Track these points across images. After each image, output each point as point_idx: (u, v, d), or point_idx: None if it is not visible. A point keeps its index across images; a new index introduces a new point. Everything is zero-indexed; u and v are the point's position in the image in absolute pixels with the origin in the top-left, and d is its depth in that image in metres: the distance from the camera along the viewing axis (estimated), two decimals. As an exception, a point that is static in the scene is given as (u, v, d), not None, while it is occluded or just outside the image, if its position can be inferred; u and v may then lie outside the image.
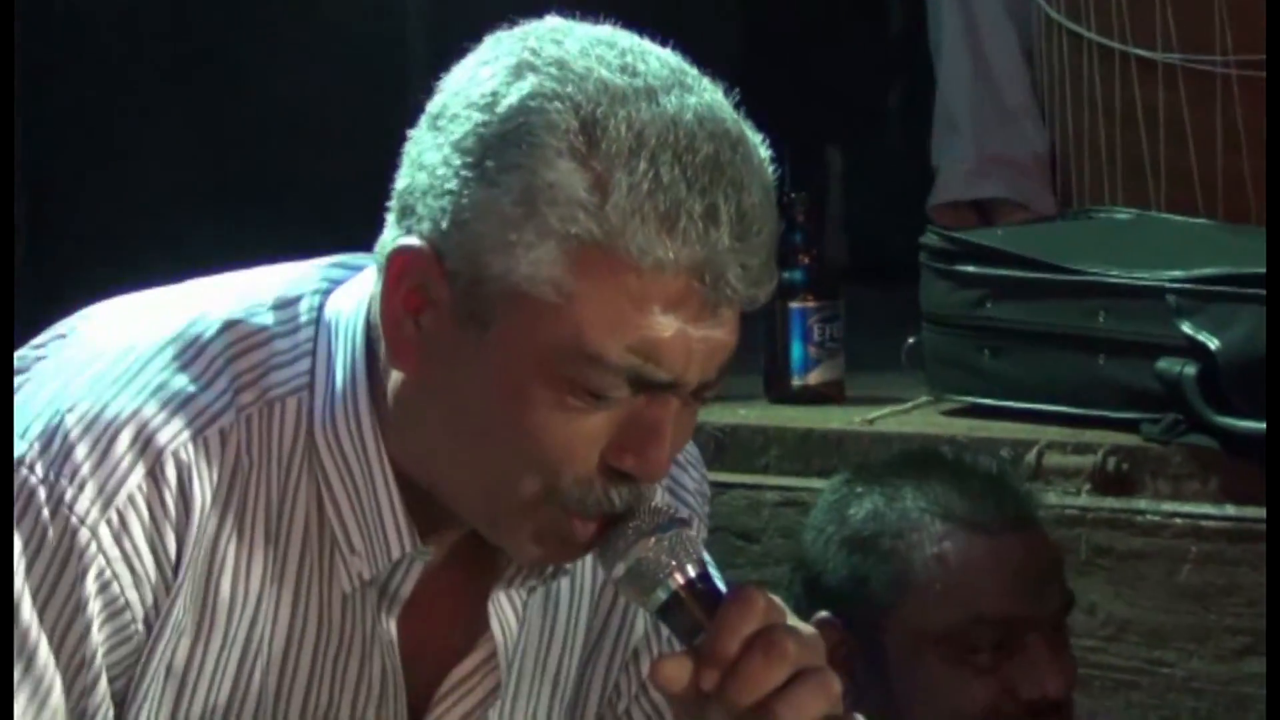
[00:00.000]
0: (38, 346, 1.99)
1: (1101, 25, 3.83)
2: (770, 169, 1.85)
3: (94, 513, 1.85)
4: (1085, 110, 3.90)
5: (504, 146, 1.80)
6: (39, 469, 1.86)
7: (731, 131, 1.82)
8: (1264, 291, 3.16)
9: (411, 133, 1.90)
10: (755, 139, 1.85)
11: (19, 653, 1.86)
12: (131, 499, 1.86)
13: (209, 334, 1.92)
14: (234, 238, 3.69)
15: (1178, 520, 3.11)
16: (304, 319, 1.93)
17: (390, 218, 1.89)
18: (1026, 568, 2.59)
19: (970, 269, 3.37)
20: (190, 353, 1.91)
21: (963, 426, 3.33)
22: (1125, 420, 3.24)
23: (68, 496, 1.85)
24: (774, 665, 1.79)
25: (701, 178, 1.78)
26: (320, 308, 1.94)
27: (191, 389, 1.89)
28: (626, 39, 1.87)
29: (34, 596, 1.86)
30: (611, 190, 1.76)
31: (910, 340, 3.43)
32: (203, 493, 1.89)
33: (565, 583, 2.04)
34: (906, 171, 4.19)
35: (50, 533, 1.86)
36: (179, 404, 1.88)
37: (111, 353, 1.92)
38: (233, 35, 4.67)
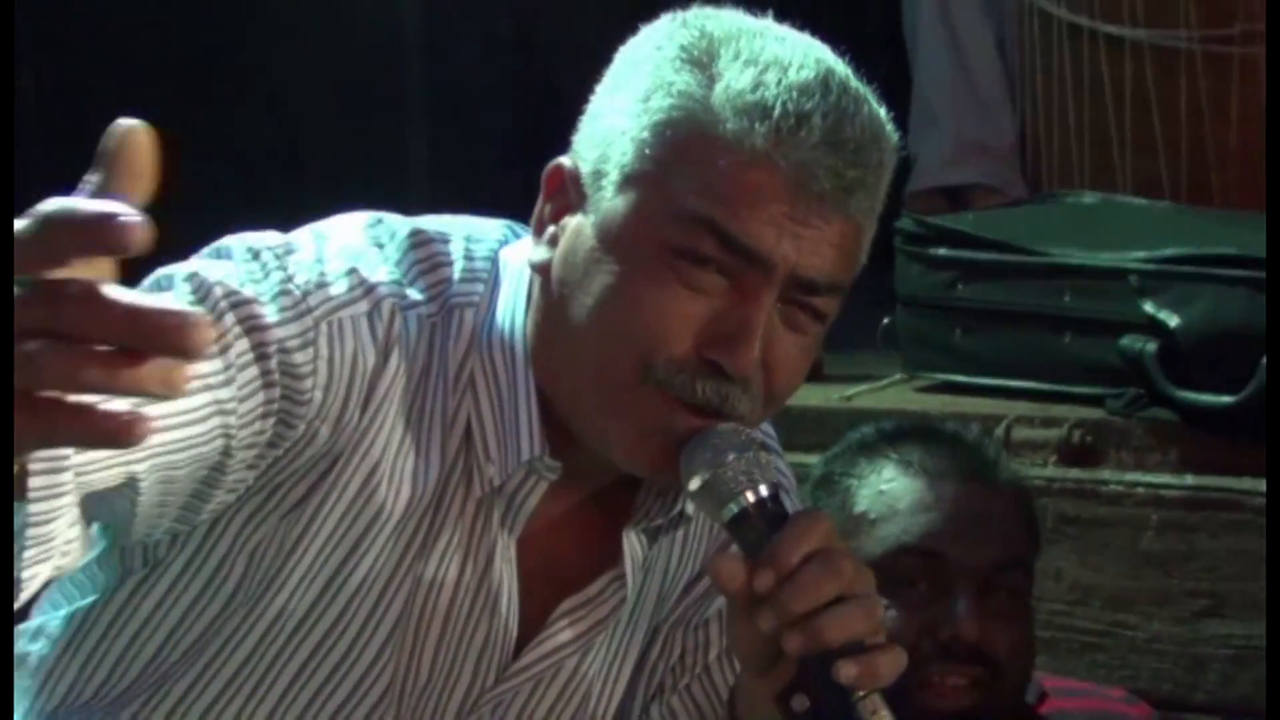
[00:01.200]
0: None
1: (1072, 4, 3.88)
2: (889, 128, 1.91)
3: (321, 310, 1.89)
4: (1055, 88, 3.95)
5: (638, 64, 1.91)
6: (271, 247, 1.91)
7: (845, 79, 1.90)
8: (1222, 271, 3.21)
9: None
10: (874, 100, 1.91)
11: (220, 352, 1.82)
12: (354, 320, 1.91)
13: (422, 244, 1.99)
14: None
15: (1139, 490, 3.17)
16: (484, 255, 2.01)
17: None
18: (961, 512, 2.58)
19: (943, 252, 3.43)
20: (402, 250, 1.99)
21: (935, 403, 3.38)
22: (1090, 395, 3.30)
23: (304, 291, 1.88)
24: (828, 580, 1.81)
25: (803, 93, 1.85)
26: (497, 252, 2.02)
27: (397, 270, 1.96)
28: (764, 20, 1.97)
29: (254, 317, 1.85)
30: (717, 85, 1.86)
31: (885, 321, 3.50)
32: (399, 357, 1.94)
33: (676, 551, 2.07)
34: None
35: (290, 309, 1.88)
36: (393, 279, 1.95)
37: (328, 233, 1.99)
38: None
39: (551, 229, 1.93)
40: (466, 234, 2.04)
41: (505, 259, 2.02)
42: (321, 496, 1.93)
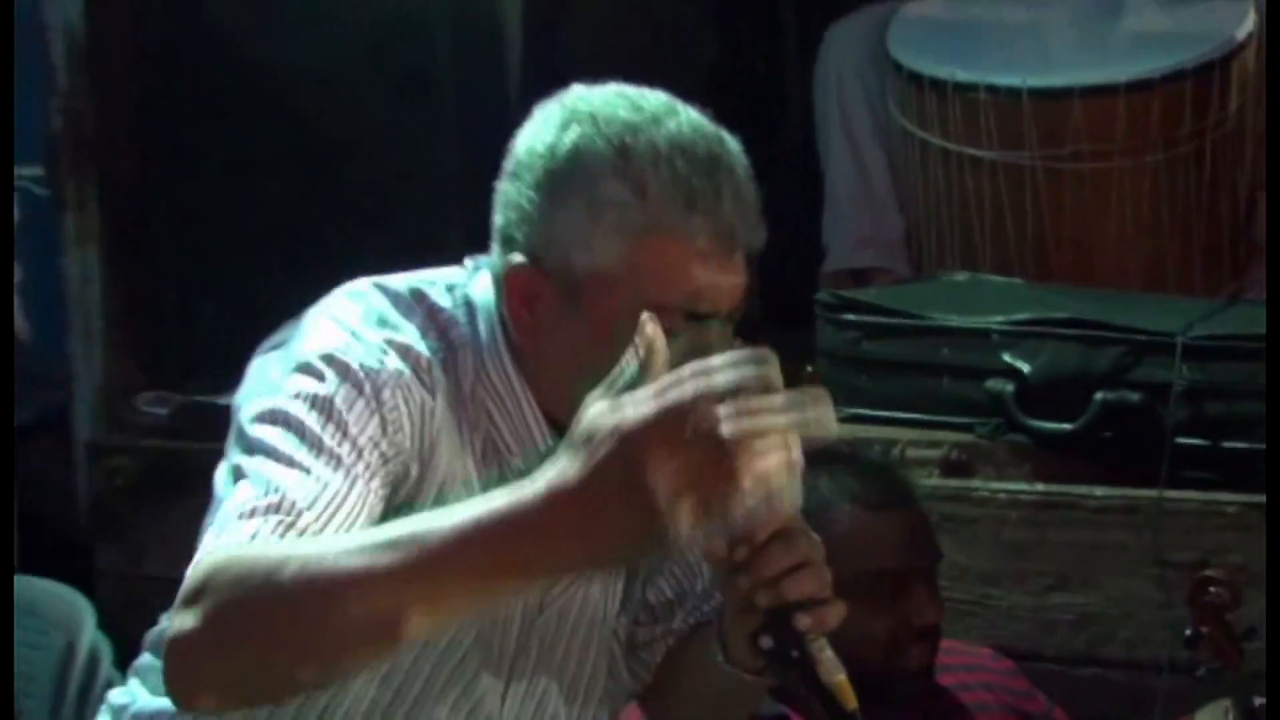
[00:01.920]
0: (277, 344, 2.00)
1: (941, 132, 3.86)
2: (743, 155, 1.91)
3: (391, 386, 1.89)
4: (931, 195, 3.93)
5: (567, 179, 1.89)
6: (349, 355, 1.89)
7: (716, 133, 1.91)
8: (1061, 330, 3.24)
9: (498, 184, 1.96)
10: (730, 137, 1.91)
11: (357, 454, 1.85)
12: (410, 382, 1.91)
13: (422, 301, 1.97)
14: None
15: (1001, 495, 3.19)
16: (461, 299, 1.99)
17: (495, 248, 1.97)
18: (910, 532, 2.62)
19: (851, 317, 3.44)
20: (410, 310, 1.97)
21: (848, 430, 3.28)
22: (963, 424, 3.32)
23: (374, 369, 1.88)
24: (789, 552, 1.81)
25: (705, 167, 1.86)
26: (468, 292, 1.99)
27: (416, 331, 1.95)
28: (628, 88, 1.94)
29: (348, 424, 1.85)
30: (648, 190, 1.85)
31: (809, 368, 3.48)
32: (440, 396, 1.94)
33: None
34: (805, 248, 4.15)
35: (366, 387, 1.88)
36: (417, 339, 1.94)
37: (359, 313, 1.95)
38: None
39: (527, 316, 1.93)
40: (448, 283, 2.02)
41: (473, 296, 2.00)
42: (415, 507, 1.90)
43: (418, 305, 1.98)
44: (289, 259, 3.96)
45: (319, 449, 1.85)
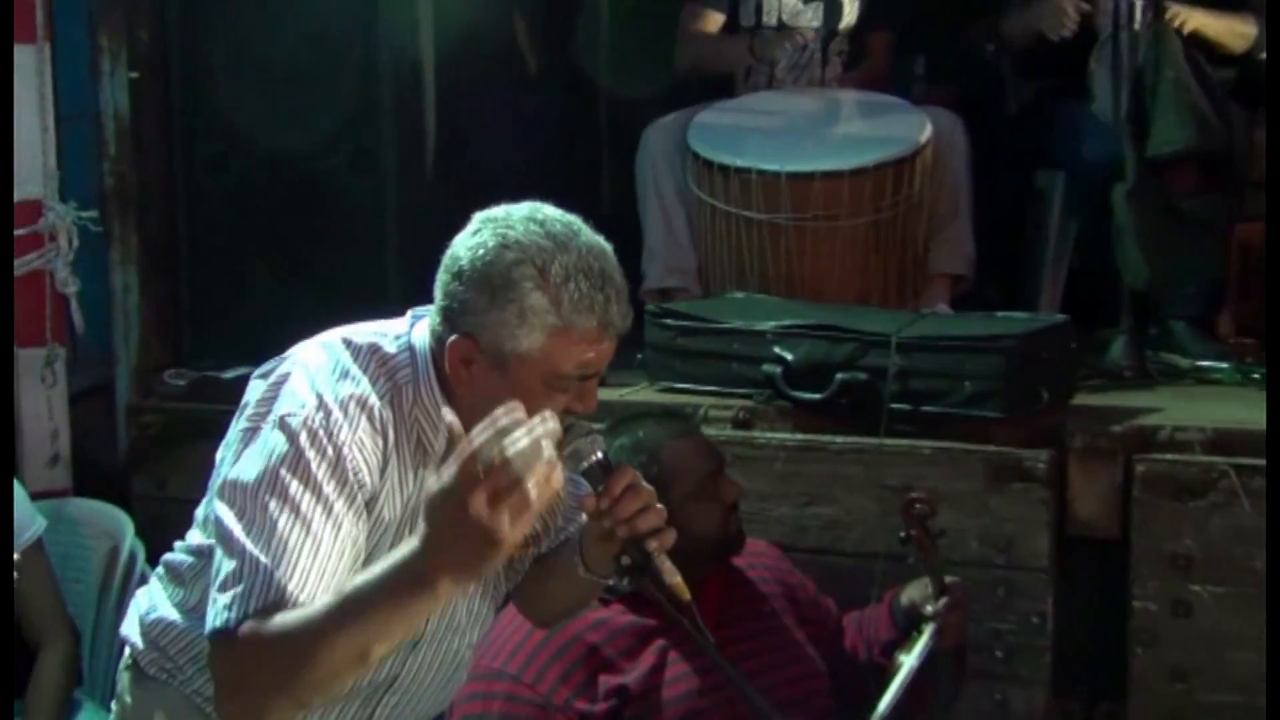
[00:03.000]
0: (265, 373, 1.97)
1: (725, 200, 3.85)
2: (615, 261, 1.91)
3: (352, 437, 1.88)
4: (717, 243, 3.93)
5: (503, 290, 1.87)
6: (316, 423, 1.86)
7: (603, 250, 1.91)
8: (813, 331, 3.22)
9: (440, 273, 1.93)
10: (608, 246, 1.91)
11: (325, 510, 1.82)
12: (368, 429, 1.90)
13: (376, 353, 1.96)
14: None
15: (773, 441, 3.18)
16: (403, 345, 1.97)
17: (437, 317, 1.93)
18: (706, 446, 2.67)
19: (669, 321, 3.45)
20: (367, 363, 1.95)
21: (666, 398, 3.39)
22: (746, 394, 3.32)
23: (334, 433, 1.87)
24: (636, 499, 1.90)
25: (597, 281, 1.88)
26: (409, 340, 1.98)
27: (368, 382, 1.93)
28: (540, 211, 1.91)
29: (321, 484, 1.84)
30: (562, 301, 1.86)
31: (639, 355, 3.50)
32: (391, 430, 1.92)
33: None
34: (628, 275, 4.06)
35: (329, 451, 1.86)
36: (369, 389, 1.92)
37: (328, 367, 1.93)
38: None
39: (463, 371, 1.89)
40: (395, 335, 1.97)
41: (414, 342, 1.96)
42: (375, 521, 1.92)
43: (372, 357, 1.96)
44: (274, 280, 3.94)
45: (310, 506, 1.83)
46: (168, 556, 2.09)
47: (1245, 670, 2.91)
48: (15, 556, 2.95)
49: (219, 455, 1.97)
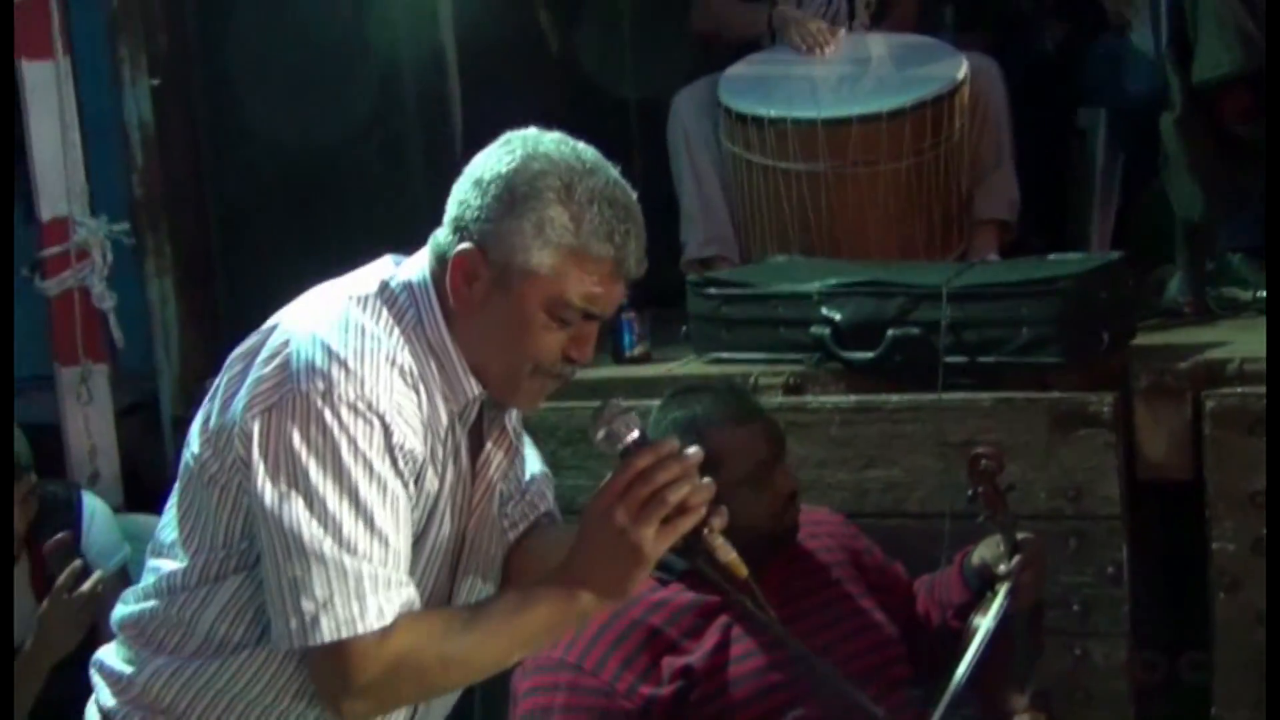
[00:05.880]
0: (250, 352, 1.83)
1: (761, 152, 3.75)
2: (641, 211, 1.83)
3: (385, 404, 1.76)
4: (756, 201, 3.84)
5: (525, 199, 1.78)
6: (351, 394, 1.74)
7: (629, 191, 1.83)
8: (859, 289, 3.13)
9: (459, 183, 1.83)
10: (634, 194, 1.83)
11: (381, 489, 1.74)
12: (399, 400, 1.78)
13: (381, 298, 1.83)
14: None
15: (827, 405, 3.11)
16: (401, 285, 1.84)
17: (447, 229, 1.83)
18: (766, 433, 2.54)
19: (713, 290, 3.36)
20: (378, 312, 1.82)
21: (717, 370, 3.32)
22: (796, 359, 3.23)
23: (375, 403, 1.75)
24: (672, 468, 1.74)
25: (620, 214, 1.79)
26: (402, 278, 1.85)
27: (385, 333, 1.81)
28: (572, 139, 1.84)
29: (372, 460, 1.74)
30: (583, 221, 1.77)
31: (684, 328, 3.45)
32: (419, 391, 1.80)
33: (498, 423, 1.95)
34: (671, 251, 3.96)
35: (376, 424, 1.74)
36: (390, 342, 1.80)
37: (338, 325, 1.79)
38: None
39: (465, 289, 1.81)
40: (389, 276, 1.86)
41: (410, 279, 1.85)
42: (421, 495, 1.84)
43: (380, 304, 1.83)
44: (311, 279, 3.80)
45: (371, 494, 1.75)
46: (121, 615, 1.93)
47: (1334, 608, 2.78)
48: (98, 586, 2.90)
49: (195, 451, 1.84)
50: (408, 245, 1.90)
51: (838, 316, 3.17)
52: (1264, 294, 3.51)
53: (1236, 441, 2.85)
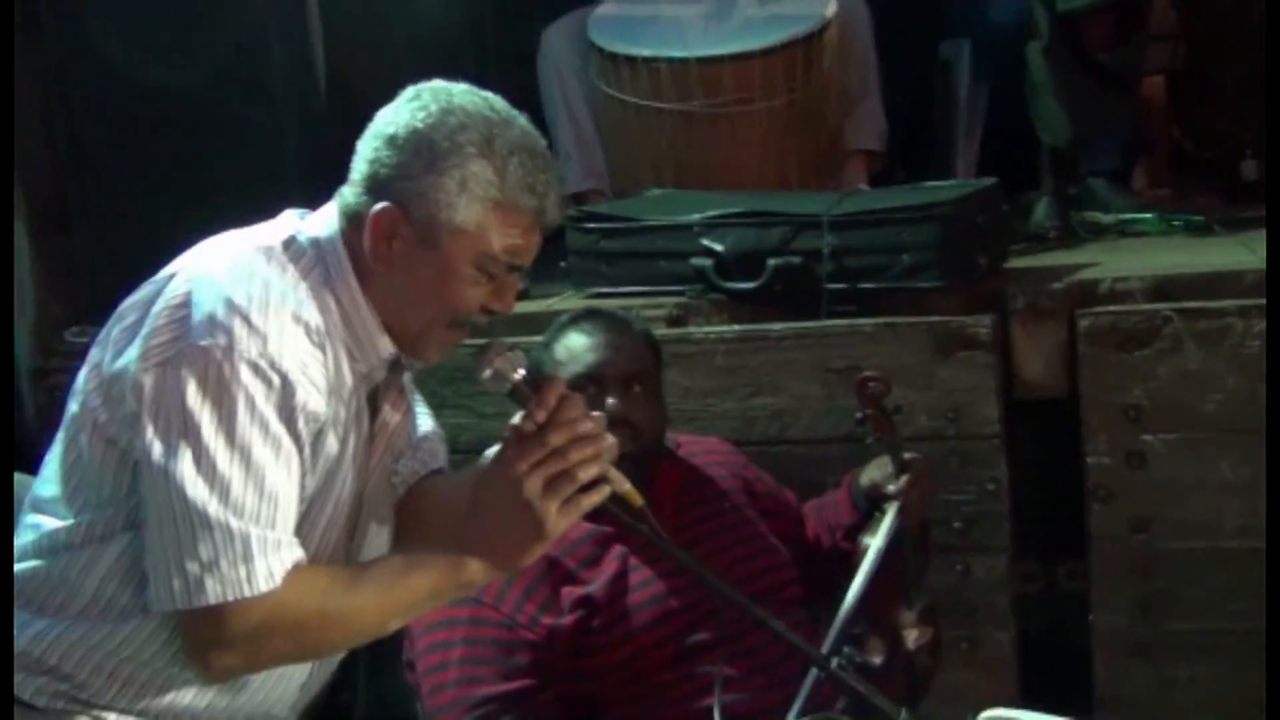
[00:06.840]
0: (145, 300, 1.80)
1: (634, 93, 3.75)
2: None
3: (289, 363, 1.73)
4: (629, 140, 3.84)
5: (446, 154, 1.76)
6: (253, 351, 1.70)
7: (539, 135, 1.83)
8: (737, 220, 3.13)
9: (365, 140, 1.80)
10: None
11: (275, 449, 1.70)
12: (304, 358, 1.75)
13: (287, 252, 1.81)
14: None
15: (711, 336, 3.10)
16: (306, 241, 1.82)
17: (358, 189, 1.79)
18: (606, 347, 2.48)
19: (591, 225, 3.34)
20: (283, 266, 1.80)
21: (598, 303, 3.20)
22: (678, 291, 3.22)
23: (277, 361, 1.72)
24: (576, 406, 1.77)
25: (540, 163, 1.79)
26: (309, 234, 1.83)
27: (291, 288, 1.78)
28: (476, 88, 1.82)
29: (268, 420, 1.71)
30: (505, 174, 1.76)
31: (562, 264, 3.41)
32: (324, 349, 1.78)
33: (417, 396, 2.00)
34: None
35: (275, 383, 1.71)
36: (295, 298, 1.78)
37: (241, 277, 1.76)
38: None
39: (384, 246, 1.78)
40: (295, 230, 1.84)
41: (316, 235, 1.83)
42: (320, 457, 1.83)
43: (286, 258, 1.80)
44: (174, 224, 3.63)
45: (265, 454, 1.72)
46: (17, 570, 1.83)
47: (1204, 515, 2.89)
48: None
49: (83, 400, 1.79)
50: (276, 185, 1.93)
51: (719, 247, 3.16)
52: (1125, 217, 3.60)
53: (1109, 358, 2.91)
